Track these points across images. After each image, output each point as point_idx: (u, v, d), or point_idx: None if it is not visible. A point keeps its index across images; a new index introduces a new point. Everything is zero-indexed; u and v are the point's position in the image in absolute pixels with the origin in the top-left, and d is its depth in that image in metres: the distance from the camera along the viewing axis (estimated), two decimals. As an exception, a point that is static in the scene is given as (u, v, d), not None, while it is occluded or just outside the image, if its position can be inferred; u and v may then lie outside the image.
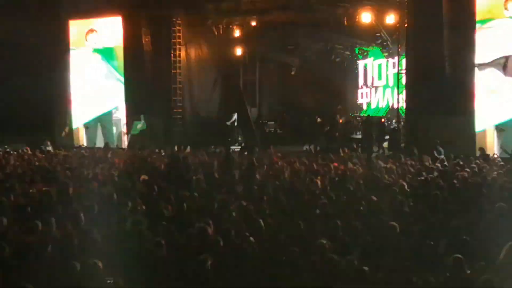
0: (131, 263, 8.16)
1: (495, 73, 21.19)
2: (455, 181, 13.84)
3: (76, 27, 29.87)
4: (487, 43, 21.32)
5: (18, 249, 8.55)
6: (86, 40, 29.55)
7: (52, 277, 7.82)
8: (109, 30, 28.99)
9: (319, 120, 30.22)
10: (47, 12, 29.17)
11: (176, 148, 23.59)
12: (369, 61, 31.35)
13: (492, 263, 7.98)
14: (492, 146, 21.13)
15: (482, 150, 20.33)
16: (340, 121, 30.24)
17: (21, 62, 27.79)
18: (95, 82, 29.42)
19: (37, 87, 28.26)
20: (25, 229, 9.62)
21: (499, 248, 8.16)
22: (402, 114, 25.31)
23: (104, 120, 29.08)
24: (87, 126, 29.39)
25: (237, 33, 29.06)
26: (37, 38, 27.86)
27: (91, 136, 29.10)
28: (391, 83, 29.55)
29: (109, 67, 29.03)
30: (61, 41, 29.93)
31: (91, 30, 29.42)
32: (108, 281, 7.77)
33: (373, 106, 31.31)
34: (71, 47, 29.92)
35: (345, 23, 25.72)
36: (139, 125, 26.81)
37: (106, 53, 29.13)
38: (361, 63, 32.11)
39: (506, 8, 20.94)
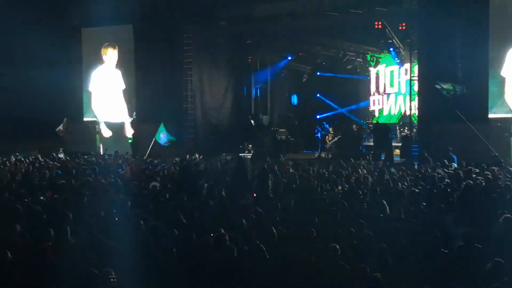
0: (144, 271, 8.14)
1: None
2: (468, 189, 13.74)
3: (93, 42, 30.16)
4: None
5: (32, 256, 8.55)
6: (106, 55, 29.70)
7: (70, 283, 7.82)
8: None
9: (330, 128, 30.15)
10: (60, 21, 29.33)
11: (187, 155, 23.62)
12: (381, 68, 31.23)
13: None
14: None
15: (495, 157, 20.18)
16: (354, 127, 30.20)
17: (33, 71, 27.92)
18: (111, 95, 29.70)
19: (49, 96, 28.40)
20: (39, 236, 9.62)
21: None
22: (415, 121, 25.20)
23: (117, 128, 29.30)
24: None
25: (248, 40, 29.05)
26: (50, 47, 27.98)
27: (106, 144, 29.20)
28: (403, 90, 29.43)
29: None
30: (74, 50, 30.09)
31: (112, 46, 29.53)
32: (112, 280, 7.78)
33: (385, 113, 31.19)
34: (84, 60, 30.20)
35: (357, 30, 25.68)
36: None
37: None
38: (373, 70, 32.00)
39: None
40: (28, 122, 29.19)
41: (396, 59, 29.16)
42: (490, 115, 21.72)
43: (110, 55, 29.55)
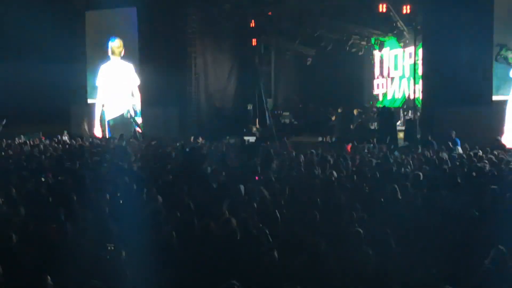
0: (146, 252, 8.17)
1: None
2: (472, 172, 13.75)
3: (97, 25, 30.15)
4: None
5: (37, 239, 8.60)
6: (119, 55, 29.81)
7: (74, 266, 7.85)
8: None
9: (336, 111, 30.09)
10: (63, 4, 29.26)
11: (191, 138, 23.63)
12: (385, 51, 31.14)
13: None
14: None
15: (498, 140, 20.19)
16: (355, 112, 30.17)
17: (38, 54, 27.91)
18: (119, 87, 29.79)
19: (54, 78, 28.39)
20: (43, 218, 9.65)
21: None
22: (419, 105, 25.17)
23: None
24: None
25: (252, 23, 28.98)
26: (54, 30, 27.92)
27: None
28: (407, 73, 29.38)
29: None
30: (78, 33, 30.03)
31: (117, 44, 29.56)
32: (109, 248, 7.84)
33: (389, 96, 31.15)
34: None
35: (362, 12, 25.58)
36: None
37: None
38: (377, 54, 31.92)
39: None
40: (33, 104, 29.21)
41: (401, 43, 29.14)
42: (496, 97, 21.69)
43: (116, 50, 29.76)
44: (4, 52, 28.36)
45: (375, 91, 32.35)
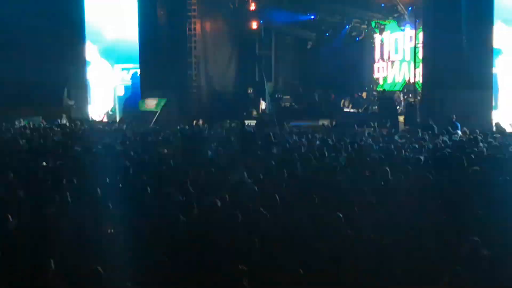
0: (146, 237, 8.19)
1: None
2: (471, 156, 13.75)
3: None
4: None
5: (35, 222, 8.61)
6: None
7: (73, 249, 7.87)
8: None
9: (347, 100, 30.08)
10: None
11: (194, 121, 23.63)
12: (385, 35, 31.05)
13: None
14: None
15: (498, 125, 20.17)
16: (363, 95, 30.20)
17: (35, 36, 27.72)
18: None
19: (52, 61, 28.23)
20: (42, 201, 9.66)
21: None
22: (419, 89, 25.11)
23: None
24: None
25: (252, 6, 28.87)
26: (52, 11, 27.78)
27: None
28: (407, 57, 29.26)
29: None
30: (77, 13, 29.82)
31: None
32: (109, 231, 7.86)
33: (389, 80, 31.06)
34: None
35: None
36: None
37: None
38: (377, 37, 31.80)
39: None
40: (32, 88, 29.07)
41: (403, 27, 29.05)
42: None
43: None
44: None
45: (376, 75, 32.24)
